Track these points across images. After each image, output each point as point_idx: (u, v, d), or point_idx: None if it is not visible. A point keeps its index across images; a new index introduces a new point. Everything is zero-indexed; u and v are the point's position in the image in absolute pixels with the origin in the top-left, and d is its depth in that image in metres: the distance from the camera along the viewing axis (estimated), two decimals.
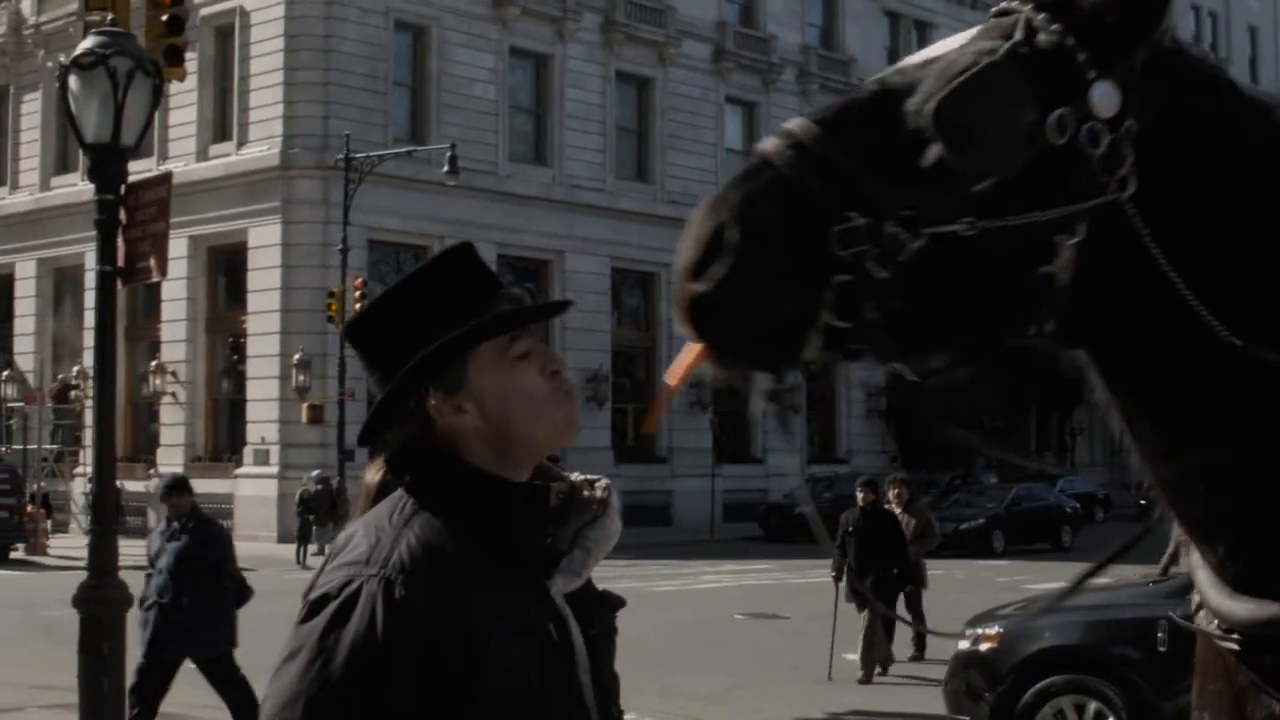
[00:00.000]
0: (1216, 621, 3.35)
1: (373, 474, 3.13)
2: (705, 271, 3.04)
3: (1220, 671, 3.48)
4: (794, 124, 3.17)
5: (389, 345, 3.04)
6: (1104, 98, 3.17)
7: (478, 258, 3.14)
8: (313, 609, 2.87)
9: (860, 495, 19.83)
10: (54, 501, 47.31)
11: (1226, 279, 3.22)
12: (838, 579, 18.85)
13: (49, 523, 44.23)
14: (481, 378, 2.99)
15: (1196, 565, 3.46)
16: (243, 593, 12.52)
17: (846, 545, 18.79)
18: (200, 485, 45.86)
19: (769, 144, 3.14)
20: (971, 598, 21.98)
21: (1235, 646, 3.34)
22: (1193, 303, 3.16)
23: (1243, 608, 3.27)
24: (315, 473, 41.89)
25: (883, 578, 18.89)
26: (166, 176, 11.93)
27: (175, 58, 14.27)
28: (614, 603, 3.22)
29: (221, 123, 50.20)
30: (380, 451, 3.15)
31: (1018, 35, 3.20)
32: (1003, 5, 3.33)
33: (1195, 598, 3.47)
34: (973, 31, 3.33)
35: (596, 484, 3.21)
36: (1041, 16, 3.23)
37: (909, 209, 3.07)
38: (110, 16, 11.63)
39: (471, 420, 2.99)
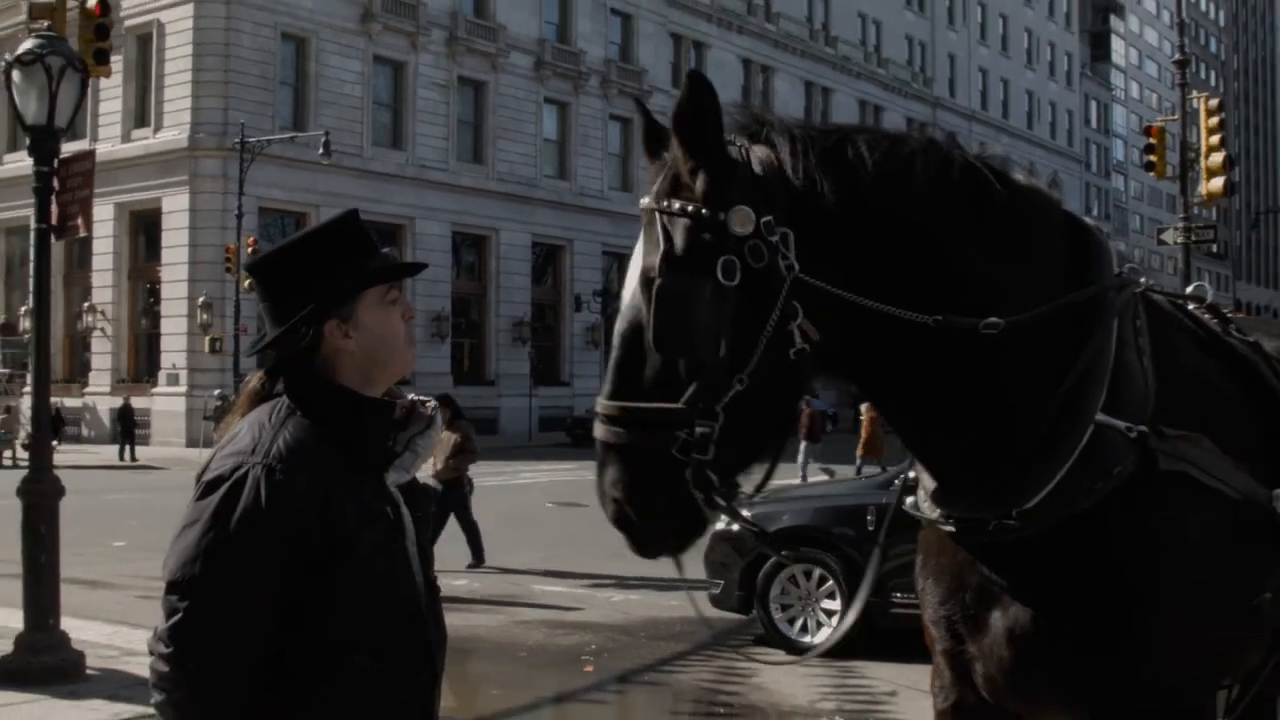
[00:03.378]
0: (940, 512, 3.53)
1: (256, 382, 3.16)
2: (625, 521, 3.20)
3: (942, 550, 3.67)
4: (602, 407, 3.19)
5: (291, 280, 3.06)
6: (738, 219, 3.14)
7: (361, 223, 3.19)
8: (208, 488, 2.91)
9: None
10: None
11: (893, 283, 3.27)
12: None
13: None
14: (366, 313, 3.05)
15: (923, 471, 3.64)
16: None
17: None
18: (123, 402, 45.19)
19: (601, 432, 3.18)
20: None
21: (953, 529, 3.53)
22: (880, 308, 3.23)
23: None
24: (217, 391, 41.45)
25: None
26: (91, 153, 11.62)
27: (102, 59, 14.05)
28: (432, 494, 3.25)
29: (141, 112, 49.21)
30: (263, 366, 3.19)
31: (663, 244, 3.16)
32: (642, 207, 3.29)
33: (922, 495, 3.64)
34: (640, 246, 3.26)
35: (427, 404, 3.27)
36: (667, 205, 3.20)
37: (702, 402, 3.09)
38: (47, 24, 11.43)
39: (352, 345, 3.03)
